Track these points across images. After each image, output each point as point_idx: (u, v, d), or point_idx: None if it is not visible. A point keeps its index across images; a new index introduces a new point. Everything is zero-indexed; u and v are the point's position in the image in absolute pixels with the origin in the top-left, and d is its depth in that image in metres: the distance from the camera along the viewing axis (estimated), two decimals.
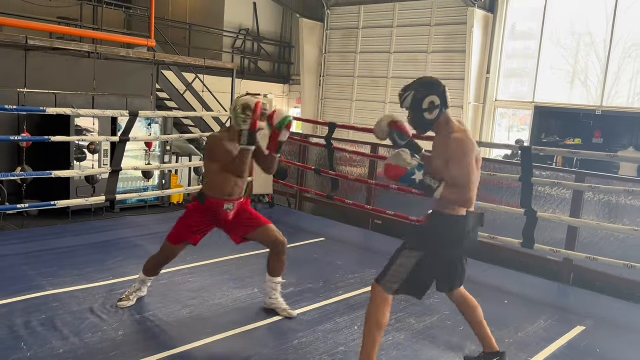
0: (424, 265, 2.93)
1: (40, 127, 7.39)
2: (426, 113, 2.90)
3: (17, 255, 4.79)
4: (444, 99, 2.89)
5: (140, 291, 3.95)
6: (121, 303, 3.83)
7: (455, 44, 11.41)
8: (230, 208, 3.72)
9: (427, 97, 2.89)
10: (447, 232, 2.98)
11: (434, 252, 2.96)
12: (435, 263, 2.99)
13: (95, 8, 10.30)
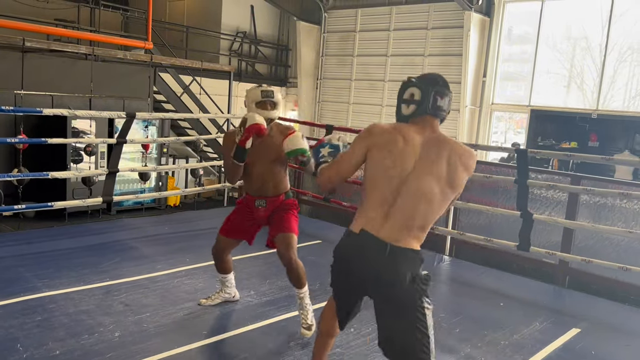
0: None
1: (36, 129, 7.39)
2: (403, 105, 2.40)
3: (13, 257, 4.78)
4: (426, 97, 2.32)
5: (223, 292, 4.00)
6: (202, 300, 3.98)
7: (452, 47, 11.45)
8: (262, 205, 3.61)
9: (409, 87, 2.39)
10: (335, 249, 2.44)
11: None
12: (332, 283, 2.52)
13: (92, 10, 10.30)
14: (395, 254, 2.22)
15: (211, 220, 6.78)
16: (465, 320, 4.12)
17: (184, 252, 5.25)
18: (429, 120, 2.34)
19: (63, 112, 5.49)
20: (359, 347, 3.52)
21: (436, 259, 5.76)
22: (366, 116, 12.89)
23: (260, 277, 4.70)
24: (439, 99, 2.32)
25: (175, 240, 5.90)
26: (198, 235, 6.11)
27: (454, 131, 11.31)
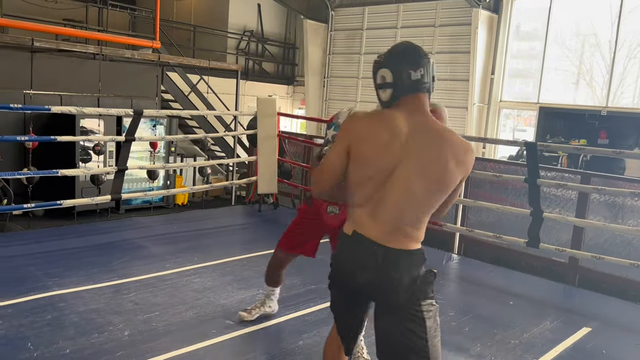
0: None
1: (45, 128, 7.43)
2: (380, 91, 2.13)
3: (23, 256, 4.81)
4: (398, 76, 2.05)
5: (265, 305, 3.75)
6: (241, 313, 3.71)
7: (460, 44, 11.39)
8: (335, 212, 3.28)
9: (379, 69, 2.13)
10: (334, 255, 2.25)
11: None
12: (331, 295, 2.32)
13: (100, 10, 10.35)
14: (388, 258, 2.01)
15: (219, 219, 6.80)
16: (474, 319, 4.10)
17: (193, 250, 5.26)
18: (412, 100, 2.05)
19: (71, 109, 5.50)
20: (367, 346, 3.51)
21: (445, 257, 5.73)
22: None
23: None
24: (412, 73, 2.02)
25: (184, 238, 5.91)
26: (206, 234, 6.12)
27: (462, 129, 11.27)
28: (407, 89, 2.04)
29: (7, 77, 7.69)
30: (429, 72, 2.07)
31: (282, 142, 7.40)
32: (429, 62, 2.08)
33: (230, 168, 9.31)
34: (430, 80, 2.08)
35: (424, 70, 2.05)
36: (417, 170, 1.98)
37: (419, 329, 2.04)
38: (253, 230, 6.54)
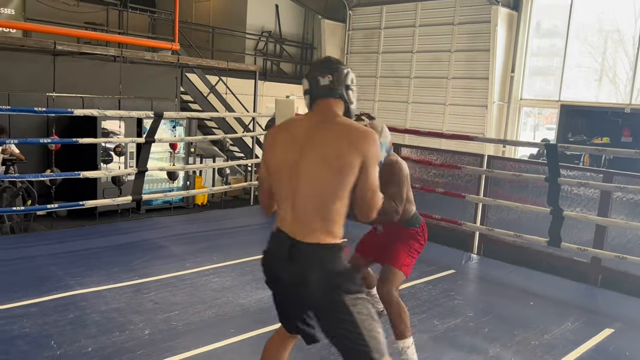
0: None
1: (68, 130, 7.56)
2: (304, 99, 2.31)
3: (47, 256, 4.90)
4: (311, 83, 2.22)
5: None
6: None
7: (479, 42, 11.28)
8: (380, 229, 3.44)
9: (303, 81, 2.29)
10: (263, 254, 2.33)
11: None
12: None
13: (120, 13, 10.49)
14: (299, 252, 2.08)
15: (238, 219, 6.85)
16: (494, 319, 4.06)
17: (212, 250, 5.31)
18: (319, 104, 2.21)
19: (93, 112, 5.60)
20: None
21: (464, 257, 5.69)
22: (392, 113, 12.80)
23: None
24: (320, 79, 2.18)
25: (203, 238, 5.96)
26: (225, 234, 6.17)
27: (482, 127, 11.16)
28: (318, 94, 2.21)
29: (31, 80, 7.86)
30: (340, 80, 2.20)
31: None
32: (342, 71, 2.21)
33: (248, 168, 9.36)
34: (341, 87, 2.20)
35: (333, 77, 2.19)
36: (316, 162, 2.07)
37: (349, 322, 2.07)
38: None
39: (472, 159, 6.16)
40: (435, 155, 6.60)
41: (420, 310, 4.10)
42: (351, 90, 2.23)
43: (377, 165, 2.11)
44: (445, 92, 11.98)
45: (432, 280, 4.83)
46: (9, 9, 8.50)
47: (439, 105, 12.05)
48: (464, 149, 7.36)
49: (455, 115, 11.82)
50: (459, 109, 11.75)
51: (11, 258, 4.80)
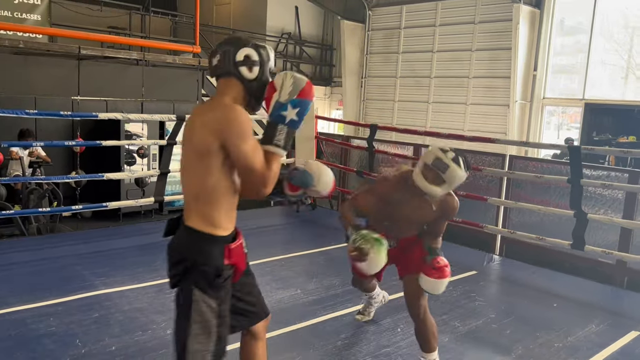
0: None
1: (92, 132, 7.72)
2: None
3: (72, 256, 5.00)
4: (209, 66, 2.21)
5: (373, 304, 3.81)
6: (358, 317, 3.81)
7: (500, 41, 11.16)
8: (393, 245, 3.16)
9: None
10: None
11: None
12: None
13: (143, 17, 10.65)
14: (178, 233, 2.08)
15: (258, 220, 6.88)
16: (516, 321, 4.02)
17: None
18: (217, 86, 2.17)
19: (117, 115, 5.70)
20: (408, 346, 3.49)
21: (486, 258, 5.63)
22: (412, 113, 12.75)
23: (306, 276, 4.74)
24: (213, 61, 2.12)
25: None
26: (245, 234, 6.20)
27: (504, 127, 11.04)
28: (212, 75, 2.18)
29: (56, 84, 8.04)
30: (229, 57, 2.08)
31: (320, 143, 7.44)
32: (230, 48, 2.09)
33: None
34: (228, 64, 2.08)
35: (217, 57, 2.10)
36: (186, 146, 2.08)
37: (184, 315, 2.00)
38: (291, 230, 6.60)
39: (494, 159, 6.10)
40: None
41: (441, 312, 4.07)
42: (246, 66, 2.08)
43: (248, 140, 1.95)
44: (466, 91, 11.88)
45: (453, 282, 4.79)
46: (35, 14, 8.71)
47: (460, 105, 11.96)
48: (486, 149, 7.28)
49: (477, 115, 11.71)
50: (481, 108, 11.64)
51: (38, 258, 4.91)
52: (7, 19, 8.34)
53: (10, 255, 4.97)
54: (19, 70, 7.91)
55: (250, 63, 2.09)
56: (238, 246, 2.12)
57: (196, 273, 2.00)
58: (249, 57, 2.09)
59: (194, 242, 2.02)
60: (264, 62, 2.13)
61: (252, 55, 2.10)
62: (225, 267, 2.04)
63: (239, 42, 2.12)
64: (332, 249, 5.48)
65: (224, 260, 2.03)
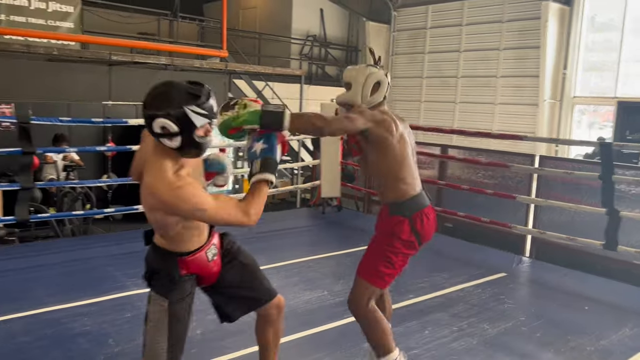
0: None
1: (123, 137, 7.89)
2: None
3: (105, 257, 5.12)
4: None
5: None
6: None
7: (529, 39, 10.99)
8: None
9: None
10: None
11: None
12: None
13: (171, 22, 10.85)
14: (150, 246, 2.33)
15: (285, 222, 6.94)
16: (546, 324, 3.95)
17: (260, 252, 5.35)
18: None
19: None
20: (435, 349, 3.48)
21: (515, 259, 5.55)
22: (439, 114, 12.65)
23: (333, 277, 4.75)
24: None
25: (251, 241, 6.06)
26: (272, 236, 6.26)
27: (533, 127, 10.86)
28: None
29: (88, 89, 8.26)
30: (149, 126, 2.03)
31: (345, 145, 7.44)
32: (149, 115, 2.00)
33: (294, 172, 9.47)
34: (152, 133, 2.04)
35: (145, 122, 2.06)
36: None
37: (145, 315, 2.24)
38: (317, 232, 6.62)
39: (523, 160, 6.02)
40: (484, 155, 6.48)
41: (469, 314, 4.04)
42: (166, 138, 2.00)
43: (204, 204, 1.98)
44: (494, 91, 11.74)
45: (482, 284, 4.75)
46: (68, 22, 8.96)
47: (488, 105, 11.82)
48: (515, 150, 7.19)
49: (505, 115, 11.55)
50: (509, 108, 11.48)
51: (72, 259, 5.05)
52: (41, 27, 8.60)
53: (46, 257, 5.12)
54: (52, 77, 8.15)
55: (169, 134, 1.98)
56: (195, 258, 2.26)
57: (154, 279, 2.24)
58: (165, 129, 1.97)
59: (155, 255, 2.27)
60: (185, 129, 1.97)
61: (169, 126, 1.96)
62: (184, 277, 2.24)
63: (158, 105, 1.97)
64: (359, 251, 5.45)
65: (180, 271, 2.22)
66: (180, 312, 2.22)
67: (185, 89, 2.01)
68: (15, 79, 7.45)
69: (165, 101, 1.98)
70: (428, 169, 7.03)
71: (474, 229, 6.02)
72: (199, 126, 2.00)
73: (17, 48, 7.75)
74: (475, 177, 6.54)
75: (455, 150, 6.86)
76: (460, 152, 6.77)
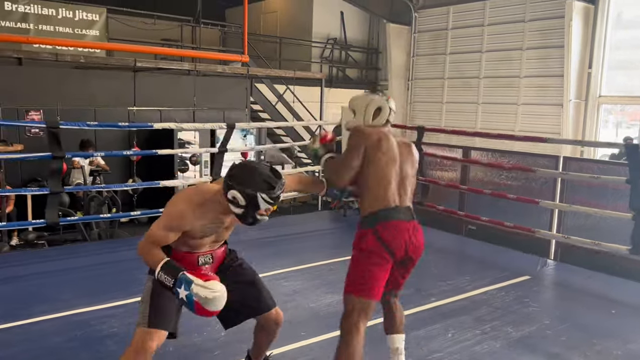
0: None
1: (148, 141, 8.03)
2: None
3: (130, 261, 5.20)
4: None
5: None
6: None
7: (552, 39, 10.82)
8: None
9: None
10: None
11: None
12: None
13: (193, 28, 11.00)
14: None
15: (306, 224, 6.98)
16: (572, 327, 3.91)
17: (282, 255, 5.45)
18: None
19: (171, 125, 5.92)
20: (458, 352, 3.47)
21: (539, 262, 5.49)
22: (461, 115, 12.54)
23: None
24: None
25: (274, 243, 6.13)
26: (294, 239, 6.31)
27: (557, 127, 10.69)
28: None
29: (113, 95, 8.43)
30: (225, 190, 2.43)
31: None
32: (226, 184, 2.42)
33: (316, 174, 9.51)
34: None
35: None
36: None
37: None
38: (339, 235, 6.64)
39: (547, 161, 5.94)
40: (507, 157, 6.42)
41: (492, 317, 4.01)
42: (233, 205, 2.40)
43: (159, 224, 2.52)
44: (517, 91, 11.59)
45: (505, 287, 4.71)
46: (93, 30, 9.17)
47: (511, 106, 11.68)
48: (539, 151, 7.10)
49: (529, 115, 11.40)
50: (533, 108, 11.32)
51: (99, 263, 5.16)
52: (68, 36, 8.82)
53: (74, 260, 5.26)
54: (79, 84, 8.34)
55: (236, 204, 2.39)
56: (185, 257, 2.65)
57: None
58: (235, 199, 2.38)
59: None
60: (248, 205, 2.37)
61: (239, 199, 2.37)
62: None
63: (240, 181, 2.36)
64: None
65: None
66: (160, 289, 2.53)
67: (265, 178, 2.37)
68: (44, 87, 7.65)
69: (246, 181, 2.36)
70: (450, 171, 6.99)
71: (498, 231, 5.96)
72: (262, 209, 2.39)
73: (46, 57, 7.97)
74: (499, 179, 6.48)
75: (478, 152, 6.80)
76: (482, 154, 6.72)
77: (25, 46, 8.22)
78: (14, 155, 5.98)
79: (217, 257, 2.78)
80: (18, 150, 6.50)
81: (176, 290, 2.35)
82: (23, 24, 8.51)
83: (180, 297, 2.36)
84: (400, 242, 2.74)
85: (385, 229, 2.73)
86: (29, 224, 5.85)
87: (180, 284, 2.33)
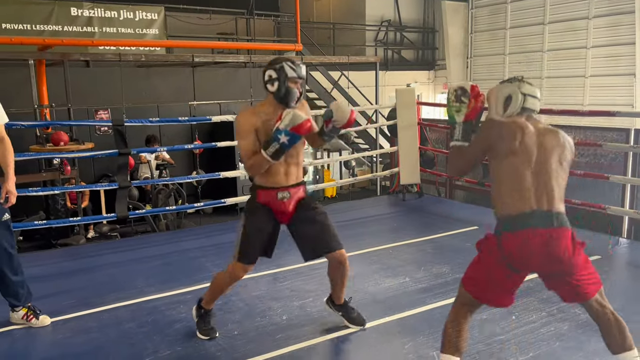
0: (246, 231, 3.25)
1: (209, 134, 8.28)
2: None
3: (196, 249, 5.44)
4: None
5: None
6: None
7: (621, 4, 10.17)
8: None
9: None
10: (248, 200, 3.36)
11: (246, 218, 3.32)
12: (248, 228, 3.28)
13: (247, 20, 11.17)
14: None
15: (365, 210, 6.98)
16: None
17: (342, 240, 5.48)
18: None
19: (229, 117, 6.08)
20: (522, 334, 3.39)
21: (612, 241, 5.22)
22: None
23: (414, 264, 4.74)
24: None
25: None
26: (353, 224, 6.33)
27: (630, 98, 10.08)
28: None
29: (174, 91, 8.74)
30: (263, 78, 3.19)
31: (424, 130, 7.34)
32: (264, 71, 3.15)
33: (374, 159, 9.46)
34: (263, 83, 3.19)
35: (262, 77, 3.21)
36: None
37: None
38: (398, 219, 6.61)
39: (617, 135, 5.63)
40: (574, 133, 6.12)
41: (559, 299, 3.86)
42: (269, 84, 3.09)
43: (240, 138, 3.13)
44: (584, 63, 11.02)
45: None
46: (153, 29, 9.50)
47: (578, 78, 11.12)
48: (609, 125, 6.73)
49: (598, 88, 10.82)
50: (602, 80, 10.73)
51: (167, 252, 5.41)
52: (130, 36, 9.20)
53: (144, 250, 5.54)
54: (142, 81, 8.70)
55: (271, 81, 3.08)
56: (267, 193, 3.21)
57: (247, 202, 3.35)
58: (270, 77, 3.09)
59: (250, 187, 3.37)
60: (280, 77, 3.05)
61: (271, 73, 3.08)
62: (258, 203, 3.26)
63: (269, 65, 3.10)
64: (440, 237, 5.42)
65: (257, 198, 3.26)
66: (250, 224, 3.23)
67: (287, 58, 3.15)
68: (110, 86, 8.03)
69: (274, 61, 3.11)
70: None
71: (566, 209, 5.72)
72: (289, 76, 3.04)
73: (110, 57, 8.35)
74: None
75: None
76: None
77: (91, 49, 8.65)
78: (85, 154, 6.36)
79: (294, 194, 3.26)
80: (89, 148, 6.88)
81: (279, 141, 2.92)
82: (88, 28, 8.95)
83: (282, 142, 2.92)
84: (525, 257, 2.45)
85: (509, 240, 2.45)
86: (102, 217, 6.20)
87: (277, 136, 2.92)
